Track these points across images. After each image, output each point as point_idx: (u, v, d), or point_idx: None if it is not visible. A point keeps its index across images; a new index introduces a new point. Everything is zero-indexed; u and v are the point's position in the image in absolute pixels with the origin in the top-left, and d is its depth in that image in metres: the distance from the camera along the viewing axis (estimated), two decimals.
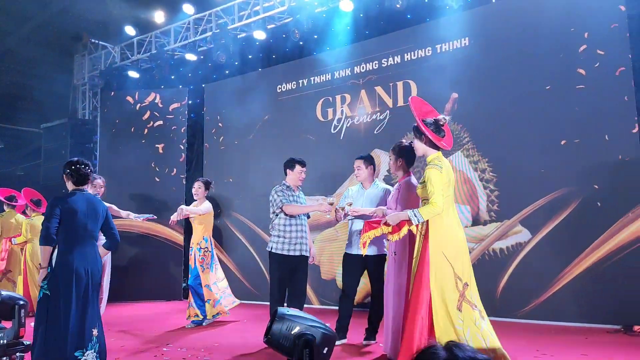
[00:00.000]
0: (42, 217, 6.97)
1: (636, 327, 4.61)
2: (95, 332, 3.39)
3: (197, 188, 5.63)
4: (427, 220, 3.21)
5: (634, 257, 4.79)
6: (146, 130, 8.47)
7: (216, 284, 5.59)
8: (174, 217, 5.36)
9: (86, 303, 3.35)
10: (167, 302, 7.65)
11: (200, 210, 5.45)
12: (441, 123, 3.37)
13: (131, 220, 5.89)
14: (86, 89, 9.49)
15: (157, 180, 8.24)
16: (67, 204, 3.42)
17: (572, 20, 5.36)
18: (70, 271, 3.32)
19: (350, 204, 4.25)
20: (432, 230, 3.20)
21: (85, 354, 3.31)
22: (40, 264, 3.40)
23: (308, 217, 4.68)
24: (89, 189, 4.62)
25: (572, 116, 5.29)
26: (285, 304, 4.38)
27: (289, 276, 4.42)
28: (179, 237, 7.98)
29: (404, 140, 4.10)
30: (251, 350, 4.26)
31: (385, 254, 4.47)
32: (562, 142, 5.32)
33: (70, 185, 3.57)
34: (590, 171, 5.15)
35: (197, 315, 5.42)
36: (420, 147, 3.44)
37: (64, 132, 8.87)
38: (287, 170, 4.62)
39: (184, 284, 8.25)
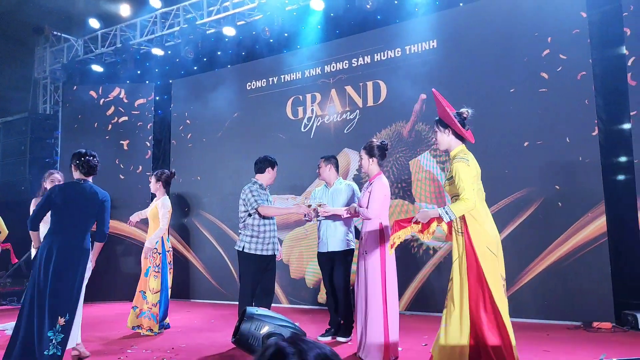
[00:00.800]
0: None
1: (595, 324, 4.78)
2: (62, 320, 3.32)
3: (152, 183, 5.21)
4: (463, 216, 3.07)
5: (593, 256, 4.97)
6: (110, 126, 8.25)
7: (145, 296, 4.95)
8: (132, 218, 5.15)
9: (51, 289, 3.30)
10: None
11: (161, 228, 4.95)
12: (465, 116, 3.26)
13: None
14: (47, 82, 9.17)
15: (122, 177, 8.04)
16: (59, 194, 3.50)
17: (536, 25, 5.51)
18: (42, 255, 3.37)
19: (320, 205, 4.27)
20: (472, 226, 3.06)
21: (55, 335, 3.29)
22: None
23: None
24: (47, 184, 4.59)
25: (535, 118, 5.44)
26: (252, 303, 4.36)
27: (260, 275, 4.38)
28: (143, 236, 7.80)
29: (374, 140, 4.12)
30: (219, 350, 4.21)
31: (351, 249, 4.52)
32: (525, 144, 5.47)
33: (77, 175, 3.68)
34: (551, 172, 5.32)
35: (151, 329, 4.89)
36: (444, 141, 3.30)
37: (24, 127, 8.55)
38: (267, 169, 4.48)
39: None
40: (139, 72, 8.45)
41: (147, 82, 8.54)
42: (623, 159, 5.25)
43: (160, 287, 4.94)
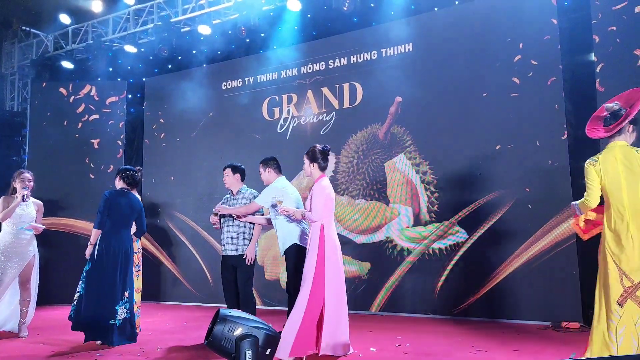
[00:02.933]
0: None
1: (564, 323, 4.89)
2: (126, 294, 4.38)
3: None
4: (604, 215, 3.15)
5: (562, 257, 5.09)
6: (80, 124, 8.06)
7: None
8: None
9: (119, 272, 4.32)
10: None
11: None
12: (612, 110, 3.17)
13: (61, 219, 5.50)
14: (15, 79, 8.90)
15: (92, 177, 7.86)
16: (113, 199, 4.41)
17: (508, 31, 5.63)
18: (109, 248, 4.32)
19: (281, 202, 4.24)
20: (604, 223, 3.15)
21: (124, 305, 4.33)
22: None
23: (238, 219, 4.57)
24: (16, 184, 4.87)
25: (507, 122, 5.55)
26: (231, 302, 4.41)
27: (229, 276, 4.49)
28: None
29: (317, 145, 4.04)
30: (191, 353, 4.14)
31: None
32: (497, 147, 5.57)
33: (121, 184, 4.55)
34: (522, 175, 5.43)
35: None
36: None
37: None
38: None
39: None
40: (110, 69, 8.27)
41: (119, 79, 8.37)
42: None
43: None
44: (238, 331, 2.85)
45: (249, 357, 2.75)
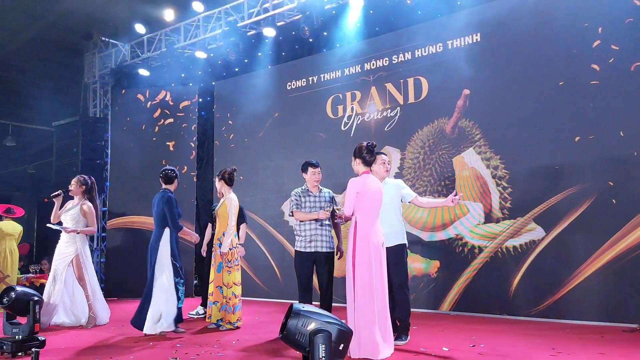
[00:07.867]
0: (11, 222, 6.99)
1: None
2: None
3: (216, 184, 5.65)
4: None
5: None
6: (157, 128, 8.50)
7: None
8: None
9: None
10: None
11: (229, 227, 5.18)
12: None
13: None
14: (97, 87, 9.53)
15: None
16: None
17: (585, 15, 5.30)
18: None
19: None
20: None
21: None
22: None
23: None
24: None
25: (586, 112, 5.24)
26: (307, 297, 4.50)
27: (310, 272, 4.57)
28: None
29: (363, 142, 3.98)
30: (267, 346, 4.26)
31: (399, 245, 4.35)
32: (576, 139, 5.27)
33: None
34: (604, 168, 5.10)
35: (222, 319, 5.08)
36: None
37: (76, 130, 8.90)
38: (303, 175, 4.75)
39: (195, 281, 8.26)
40: (183, 75, 8.66)
41: (190, 84, 8.75)
42: None
43: (233, 282, 5.13)
44: (311, 326, 2.90)
45: (323, 351, 2.78)
